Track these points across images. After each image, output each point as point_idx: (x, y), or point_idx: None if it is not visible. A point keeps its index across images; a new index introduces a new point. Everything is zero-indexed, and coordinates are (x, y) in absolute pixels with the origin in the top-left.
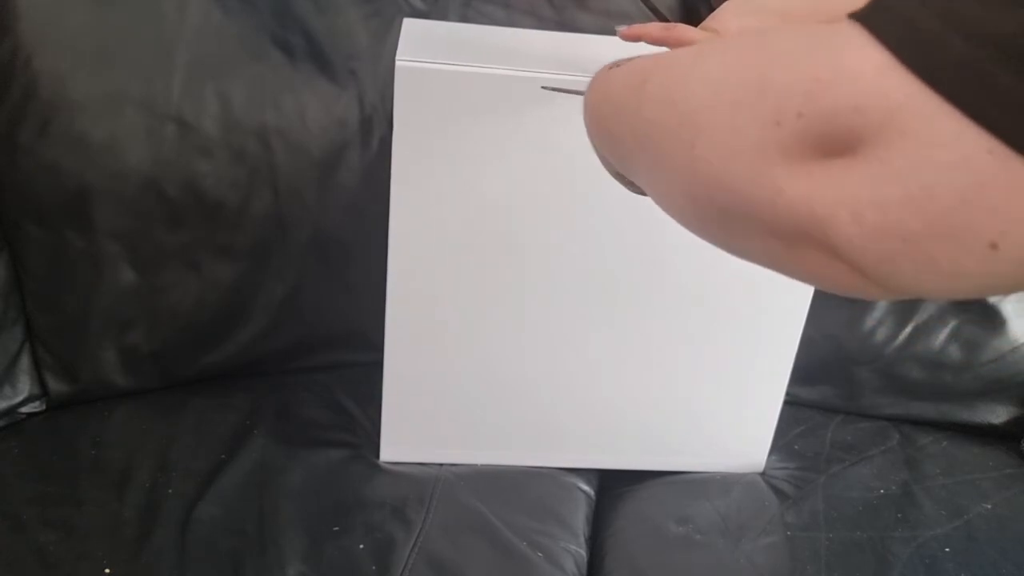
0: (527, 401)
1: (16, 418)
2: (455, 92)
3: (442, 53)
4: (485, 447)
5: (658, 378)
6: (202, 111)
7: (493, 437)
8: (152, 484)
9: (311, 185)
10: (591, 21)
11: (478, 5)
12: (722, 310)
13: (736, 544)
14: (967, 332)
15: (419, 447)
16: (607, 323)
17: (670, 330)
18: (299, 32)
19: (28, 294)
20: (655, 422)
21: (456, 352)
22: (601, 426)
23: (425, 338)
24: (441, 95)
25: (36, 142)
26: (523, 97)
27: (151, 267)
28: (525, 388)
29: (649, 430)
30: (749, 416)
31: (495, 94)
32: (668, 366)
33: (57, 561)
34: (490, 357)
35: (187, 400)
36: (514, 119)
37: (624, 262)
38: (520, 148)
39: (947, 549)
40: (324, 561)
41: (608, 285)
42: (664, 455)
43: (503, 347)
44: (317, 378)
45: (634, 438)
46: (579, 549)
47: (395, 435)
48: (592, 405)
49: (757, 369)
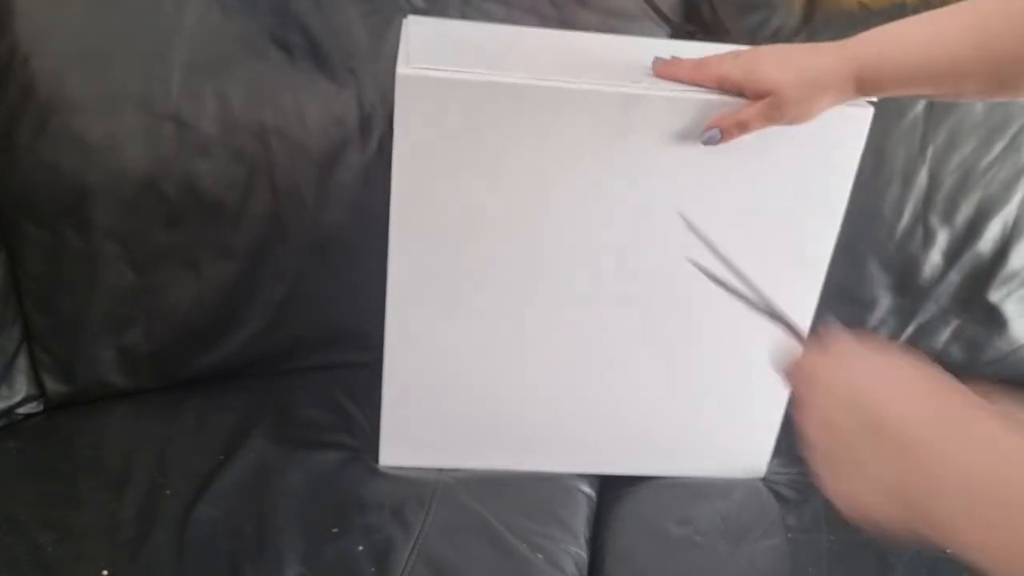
0: (527, 407)
1: (14, 419)
2: (457, 101)
3: (444, 58)
4: (485, 453)
5: (660, 385)
6: (200, 110)
7: (493, 443)
8: (150, 485)
9: (310, 184)
10: (592, 19)
11: (478, 4)
12: (726, 318)
13: (737, 546)
14: (969, 332)
15: (419, 452)
16: (609, 330)
17: (673, 337)
18: (298, 31)
19: (26, 294)
20: (656, 429)
21: (456, 359)
22: (602, 432)
23: (425, 345)
24: (443, 103)
25: (34, 142)
26: (527, 105)
27: (149, 267)
28: (525, 394)
29: (650, 436)
30: (752, 424)
31: (498, 102)
32: (670, 373)
33: (55, 562)
34: (491, 364)
35: (185, 400)
36: (518, 127)
37: (627, 270)
38: (523, 156)
39: (948, 551)
40: (323, 562)
41: (610, 293)
42: (665, 461)
43: (504, 353)
44: (315, 378)
45: (635, 444)
46: (579, 550)
47: (395, 440)
48: (593, 411)
49: (761, 378)
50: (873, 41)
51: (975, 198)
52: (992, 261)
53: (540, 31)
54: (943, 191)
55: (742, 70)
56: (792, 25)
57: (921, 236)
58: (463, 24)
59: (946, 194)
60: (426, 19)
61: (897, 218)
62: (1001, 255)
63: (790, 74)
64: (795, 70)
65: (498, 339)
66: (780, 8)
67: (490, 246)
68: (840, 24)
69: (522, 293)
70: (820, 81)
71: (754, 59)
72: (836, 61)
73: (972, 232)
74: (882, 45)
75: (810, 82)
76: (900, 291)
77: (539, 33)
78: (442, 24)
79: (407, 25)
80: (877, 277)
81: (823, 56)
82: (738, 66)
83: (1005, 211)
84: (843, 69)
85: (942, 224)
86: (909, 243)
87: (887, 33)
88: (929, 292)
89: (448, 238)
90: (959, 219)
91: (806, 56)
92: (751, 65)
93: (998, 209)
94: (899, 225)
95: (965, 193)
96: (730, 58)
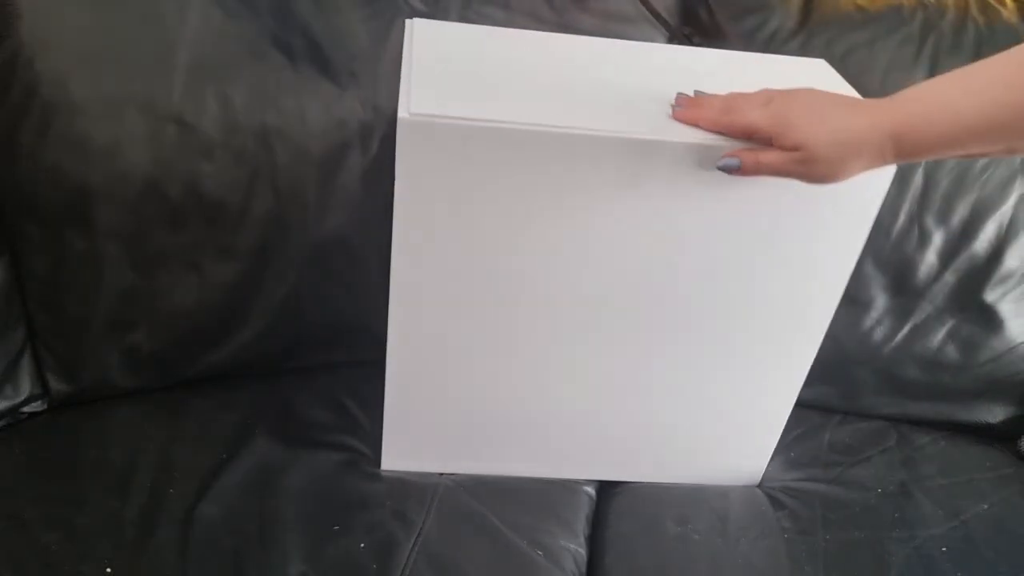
0: (528, 415)
1: (18, 418)
2: (461, 146)
3: (447, 92)
4: (486, 459)
5: (661, 393)
6: (203, 112)
7: (494, 449)
8: (153, 484)
9: (312, 186)
10: (591, 22)
11: (478, 7)
12: (727, 331)
13: (734, 545)
14: (965, 332)
15: (420, 458)
16: (611, 340)
17: (674, 347)
18: (299, 34)
19: (29, 295)
20: (656, 437)
21: (458, 367)
22: (602, 440)
23: (427, 353)
24: (446, 148)
25: (37, 143)
26: (535, 151)
27: (152, 268)
28: (527, 403)
29: (650, 444)
30: (750, 434)
31: (504, 148)
32: (671, 382)
33: (59, 561)
34: (492, 372)
35: (188, 400)
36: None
37: (630, 288)
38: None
39: (944, 549)
40: (325, 560)
41: (613, 304)
42: (663, 468)
43: (505, 363)
44: (318, 378)
45: (635, 451)
46: (579, 548)
47: (397, 446)
48: (594, 418)
49: (759, 389)
50: (913, 100)
51: (970, 199)
52: (987, 261)
53: (544, 38)
54: (938, 192)
55: (772, 121)
56: (789, 27)
57: (917, 236)
58: (465, 32)
59: (941, 195)
60: (428, 25)
61: (893, 218)
62: (996, 255)
63: (823, 132)
64: (829, 128)
65: (500, 350)
66: (777, 10)
67: (492, 268)
68: (837, 26)
69: (524, 306)
70: (854, 143)
71: (786, 109)
72: (874, 123)
73: (967, 232)
74: (924, 104)
75: (843, 142)
76: (896, 291)
77: (543, 43)
78: (444, 32)
79: (410, 31)
80: (873, 277)
81: (860, 116)
82: (768, 116)
83: (1000, 211)
84: (881, 132)
85: (937, 224)
86: (905, 243)
87: (928, 90)
88: (925, 292)
89: (450, 259)
90: (954, 219)
91: (843, 114)
92: (783, 116)
93: (993, 210)
94: (895, 225)
95: (960, 194)
96: (759, 104)
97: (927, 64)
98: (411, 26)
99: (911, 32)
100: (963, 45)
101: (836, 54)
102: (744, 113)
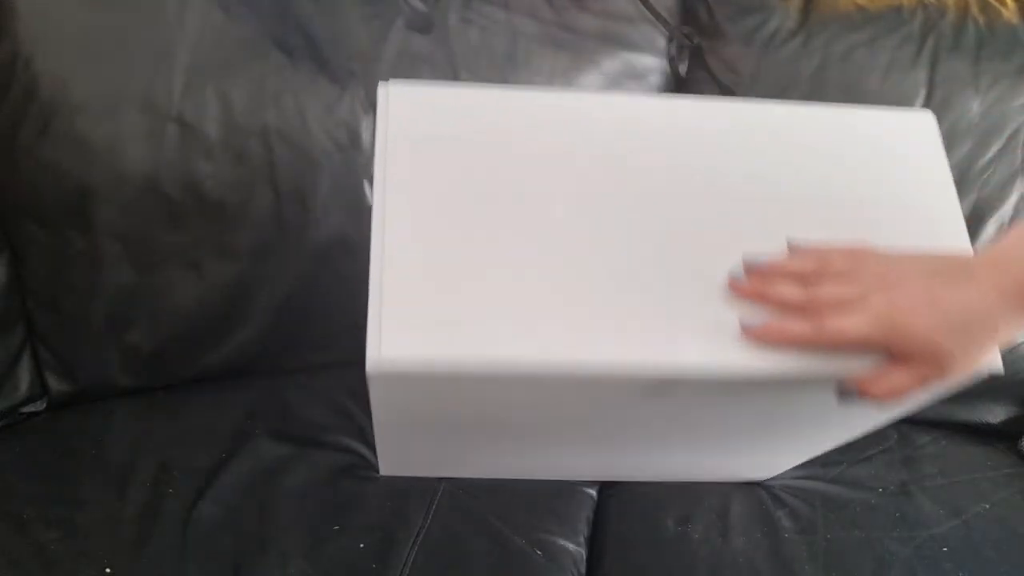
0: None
1: (17, 418)
2: (442, 389)
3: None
4: (486, 465)
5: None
6: (203, 112)
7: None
8: (153, 483)
9: (311, 185)
10: (591, 22)
11: (478, 6)
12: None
13: (734, 544)
14: None
15: (418, 465)
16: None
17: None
18: (299, 33)
19: (29, 294)
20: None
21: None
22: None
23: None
24: (424, 389)
25: (37, 143)
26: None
27: (152, 267)
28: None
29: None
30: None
31: (496, 389)
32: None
33: (58, 560)
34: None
35: (188, 400)
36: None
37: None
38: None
39: (945, 549)
40: (325, 560)
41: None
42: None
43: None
44: (317, 377)
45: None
46: (578, 547)
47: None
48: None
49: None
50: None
51: (971, 199)
52: None
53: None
54: None
55: (880, 326)
56: (789, 27)
57: None
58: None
59: None
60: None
61: None
62: None
63: (942, 323)
64: (943, 313)
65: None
66: (777, 10)
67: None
68: (837, 26)
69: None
70: (979, 322)
71: (890, 307)
72: (992, 288)
73: (968, 233)
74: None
75: (965, 326)
76: None
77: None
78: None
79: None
80: None
81: (970, 288)
82: (871, 321)
83: (1001, 212)
84: (1004, 295)
85: None
86: None
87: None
88: None
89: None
90: None
91: (951, 292)
92: (889, 316)
93: (994, 210)
94: None
95: (961, 194)
96: (857, 307)
97: (927, 64)
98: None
99: (911, 32)
100: (963, 45)
101: (836, 54)
102: (841, 320)
